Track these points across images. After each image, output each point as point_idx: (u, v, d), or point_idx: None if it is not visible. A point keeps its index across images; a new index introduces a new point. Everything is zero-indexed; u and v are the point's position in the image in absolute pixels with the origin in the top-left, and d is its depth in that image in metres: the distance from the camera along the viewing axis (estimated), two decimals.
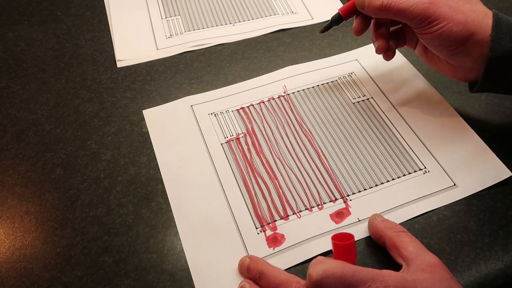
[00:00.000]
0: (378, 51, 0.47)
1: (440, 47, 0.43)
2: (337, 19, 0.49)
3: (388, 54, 0.48)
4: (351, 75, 0.55)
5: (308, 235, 0.41)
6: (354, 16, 0.48)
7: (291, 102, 0.52)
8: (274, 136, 0.49)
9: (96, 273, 0.40)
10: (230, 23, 0.62)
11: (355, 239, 0.38)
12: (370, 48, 0.58)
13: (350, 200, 0.44)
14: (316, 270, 0.33)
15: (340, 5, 0.64)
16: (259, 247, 0.41)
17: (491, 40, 0.40)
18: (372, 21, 0.48)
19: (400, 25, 0.50)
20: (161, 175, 0.46)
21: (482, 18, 0.41)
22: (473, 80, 0.46)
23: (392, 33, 0.49)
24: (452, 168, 0.45)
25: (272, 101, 0.52)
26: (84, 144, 0.49)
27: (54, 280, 0.39)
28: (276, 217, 0.43)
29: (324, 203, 0.44)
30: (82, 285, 0.39)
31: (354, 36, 0.60)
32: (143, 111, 0.52)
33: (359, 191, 0.44)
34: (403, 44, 0.50)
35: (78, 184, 0.46)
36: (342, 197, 0.44)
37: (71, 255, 0.41)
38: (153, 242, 0.42)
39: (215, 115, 0.51)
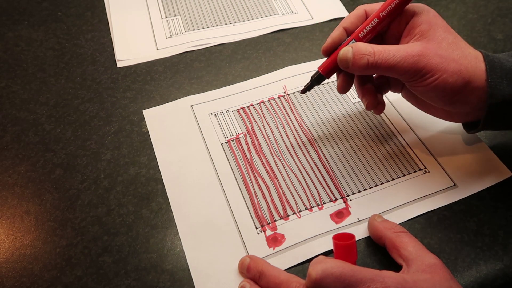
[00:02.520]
0: (368, 108, 0.44)
1: (435, 98, 0.40)
2: (317, 78, 0.44)
3: (379, 108, 0.44)
4: None
5: (308, 235, 0.41)
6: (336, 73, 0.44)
7: (291, 102, 0.52)
8: (274, 136, 0.49)
9: (96, 273, 0.40)
10: (230, 23, 0.62)
11: (355, 239, 0.38)
12: None
13: (350, 200, 0.44)
14: (315, 270, 0.33)
15: (340, 5, 0.64)
16: (259, 247, 0.41)
17: (489, 86, 0.38)
18: (355, 77, 0.45)
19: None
20: (161, 175, 0.46)
21: (475, 63, 0.39)
22: (470, 121, 0.43)
23: (375, 82, 0.46)
24: (452, 168, 0.45)
25: (272, 101, 0.52)
26: (84, 144, 0.49)
27: (54, 280, 0.39)
28: (276, 217, 0.43)
29: (324, 203, 0.44)
30: (82, 285, 0.39)
31: None
32: (143, 111, 0.52)
33: (359, 191, 0.44)
34: (387, 90, 0.47)
35: (78, 184, 0.46)
36: (342, 197, 0.44)
37: (71, 255, 0.41)
38: (153, 242, 0.42)
39: (215, 115, 0.51)
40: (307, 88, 0.45)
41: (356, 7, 0.44)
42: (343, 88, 0.44)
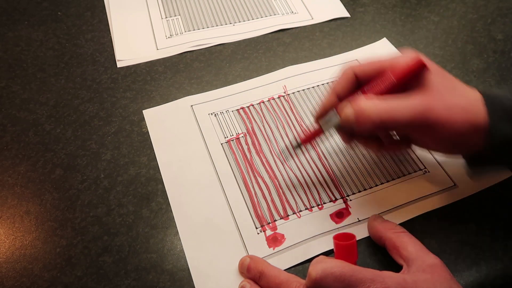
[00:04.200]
0: (377, 153, 0.46)
1: (442, 147, 0.40)
2: (297, 146, 0.44)
3: (393, 148, 0.43)
4: None
5: (308, 235, 0.41)
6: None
7: (291, 102, 0.52)
8: (274, 136, 0.49)
9: (96, 273, 0.40)
10: (230, 23, 0.62)
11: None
12: (370, 48, 0.58)
13: (350, 200, 0.44)
14: (315, 269, 0.33)
15: (340, 5, 0.64)
16: (259, 247, 0.41)
17: (489, 128, 0.37)
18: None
19: None
20: (161, 175, 0.46)
21: (475, 103, 0.37)
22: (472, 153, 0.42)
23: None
24: (452, 168, 0.45)
25: (272, 101, 0.52)
26: (84, 144, 0.49)
27: (54, 280, 0.39)
28: (276, 217, 0.43)
29: (324, 203, 0.44)
30: (82, 285, 0.39)
31: (354, 36, 0.60)
32: (143, 111, 0.52)
33: (359, 191, 0.44)
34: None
35: (78, 184, 0.46)
36: (342, 197, 0.44)
37: (71, 255, 0.41)
38: (153, 242, 0.42)
39: (215, 115, 0.51)
40: (289, 153, 0.45)
41: (344, 68, 0.42)
42: (348, 142, 0.44)
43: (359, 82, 0.41)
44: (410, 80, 0.39)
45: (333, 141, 0.48)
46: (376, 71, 0.40)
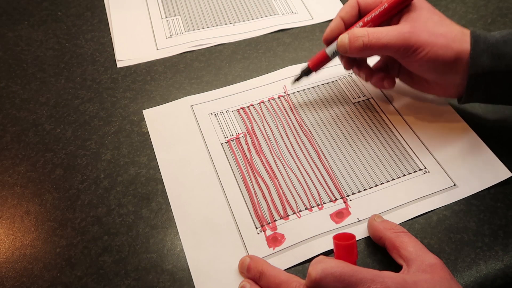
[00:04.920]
0: (366, 79, 0.49)
1: (428, 72, 0.44)
2: (306, 71, 0.50)
3: (388, 82, 0.48)
4: (351, 75, 0.55)
5: (308, 235, 0.41)
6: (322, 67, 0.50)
7: (291, 102, 0.52)
8: (274, 136, 0.49)
9: (96, 273, 0.40)
10: (230, 23, 0.62)
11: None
12: None
13: (350, 200, 0.44)
14: (315, 269, 0.33)
15: (340, 5, 0.64)
16: (259, 247, 0.41)
17: (470, 57, 0.42)
18: (353, 63, 0.49)
19: (379, 61, 0.51)
20: (161, 175, 0.46)
21: (461, 37, 0.43)
22: (462, 95, 0.46)
23: (375, 68, 0.50)
24: (452, 168, 0.45)
25: (272, 101, 0.52)
26: (84, 144, 0.49)
27: (54, 280, 0.39)
28: (276, 217, 0.43)
29: (324, 203, 0.44)
30: (82, 285, 0.39)
31: None
32: (143, 111, 0.52)
33: (359, 191, 0.44)
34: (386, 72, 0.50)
35: (78, 184, 0.46)
36: (342, 197, 0.44)
37: (71, 255, 0.41)
38: (153, 242, 0.42)
39: (215, 115, 0.51)
40: (296, 79, 0.51)
41: None
42: (347, 67, 0.50)
43: (361, 9, 0.47)
44: (401, 6, 0.44)
45: (333, 141, 0.48)
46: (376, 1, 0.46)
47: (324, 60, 0.49)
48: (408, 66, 0.45)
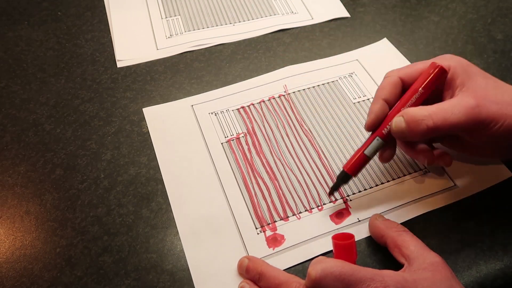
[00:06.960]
0: (429, 164, 0.42)
1: (498, 143, 0.39)
2: (344, 178, 0.42)
3: (445, 159, 0.42)
4: (351, 75, 0.55)
5: (308, 235, 0.41)
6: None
7: (292, 102, 0.52)
8: (274, 136, 0.49)
9: (96, 273, 0.40)
10: (230, 23, 0.62)
11: (355, 239, 0.38)
12: (371, 48, 0.58)
13: (350, 200, 0.44)
14: (315, 269, 0.33)
15: (340, 5, 0.64)
16: (259, 247, 0.41)
17: None
18: (402, 144, 0.43)
19: None
20: (161, 175, 0.46)
21: None
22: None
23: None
24: (452, 168, 0.45)
25: (272, 100, 0.52)
26: (84, 144, 0.49)
27: (54, 280, 0.39)
28: (276, 217, 0.43)
29: (324, 203, 0.44)
30: (82, 285, 0.39)
31: (354, 36, 0.60)
32: (143, 109, 0.52)
33: (359, 191, 0.44)
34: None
35: (78, 184, 0.46)
36: (342, 198, 0.44)
37: (71, 255, 0.41)
38: (153, 242, 0.42)
39: (215, 114, 0.51)
40: (333, 189, 0.42)
41: (387, 75, 0.42)
42: (387, 160, 0.42)
43: (404, 86, 0.41)
44: (435, 84, 0.39)
45: (333, 141, 0.48)
46: (419, 72, 0.41)
47: (363, 163, 0.41)
48: (473, 139, 0.39)
